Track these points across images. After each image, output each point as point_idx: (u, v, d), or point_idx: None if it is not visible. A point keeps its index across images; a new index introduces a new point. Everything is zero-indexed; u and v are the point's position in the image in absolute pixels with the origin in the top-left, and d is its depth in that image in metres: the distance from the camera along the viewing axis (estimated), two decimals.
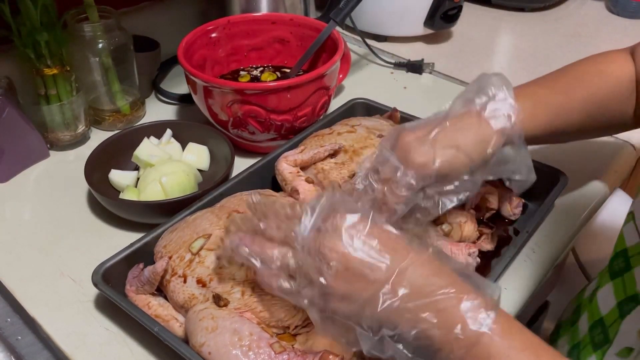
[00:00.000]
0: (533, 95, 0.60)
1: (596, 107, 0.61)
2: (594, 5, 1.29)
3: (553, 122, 0.59)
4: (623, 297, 0.48)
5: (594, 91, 0.60)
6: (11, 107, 0.74)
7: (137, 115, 0.88)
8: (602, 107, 0.61)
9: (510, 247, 0.60)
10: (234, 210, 0.57)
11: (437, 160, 0.53)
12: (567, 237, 0.68)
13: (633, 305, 0.46)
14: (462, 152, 0.53)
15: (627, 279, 0.48)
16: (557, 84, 0.62)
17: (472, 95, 0.56)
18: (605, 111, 0.61)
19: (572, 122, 0.61)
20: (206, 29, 0.84)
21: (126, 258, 0.58)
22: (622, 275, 0.49)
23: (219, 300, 0.50)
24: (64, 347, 0.55)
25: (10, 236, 0.68)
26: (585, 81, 0.61)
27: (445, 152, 0.53)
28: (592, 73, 0.62)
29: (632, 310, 0.46)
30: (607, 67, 0.62)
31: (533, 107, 0.58)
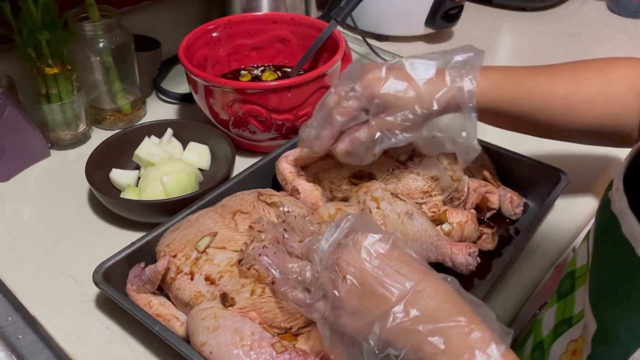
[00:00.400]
0: (510, 70, 0.59)
1: (583, 101, 0.58)
2: (595, 5, 1.29)
3: (523, 99, 0.58)
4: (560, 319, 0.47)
5: (584, 84, 0.58)
6: (12, 106, 0.74)
7: (138, 114, 0.89)
8: (592, 103, 0.58)
9: (511, 247, 0.60)
10: (237, 210, 0.57)
11: (385, 85, 0.55)
12: (568, 237, 0.68)
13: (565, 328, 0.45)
14: (412, 88, 0.56)
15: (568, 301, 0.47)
16: (544, 68, 0.60)
17: (445, 52, 0.58)
18: (596, 110, 0.58)
19: (550, 109, 0.58)
20: (207, 28, 0.84)
21: (127, 257, 0.58)
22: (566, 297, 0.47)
23: (225, 299, 0.50)
24: (64, 346, 0.55)
25: (11, 235, 0.68)
26: (577, 72, 0.59)
27: (396, 82, 0.56)
28: (589, 68, 0.59)
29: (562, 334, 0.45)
30: (609, 66, 0.59)
31: (503, 78, 0.58)
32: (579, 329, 0.43)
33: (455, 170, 0.65)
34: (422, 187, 0.63)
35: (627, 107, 0.58)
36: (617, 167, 0.42)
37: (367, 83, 0.57)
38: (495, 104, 0.58)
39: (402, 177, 0.63)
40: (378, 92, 0.56)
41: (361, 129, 0.58)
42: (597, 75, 0.58)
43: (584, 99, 0.58)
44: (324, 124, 0.59)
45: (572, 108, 0.58)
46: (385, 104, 0.56)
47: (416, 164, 0.64)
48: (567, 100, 0.58)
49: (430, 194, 0.63)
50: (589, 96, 0.58)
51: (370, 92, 0.56)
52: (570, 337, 0.44)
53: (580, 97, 0.58)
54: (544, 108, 0.59)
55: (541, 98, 0.58)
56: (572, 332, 0.44)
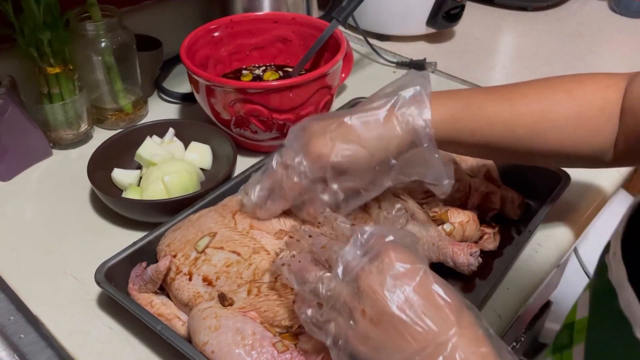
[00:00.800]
0: (467, 96, 0.54)
1: (550, 128, 0.53)
2: (597, 5, 1.29)
3: (484, 130, 0.53)
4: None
5: (552, 109, 0.53)
6: (14, 105, 0.74)
7: (140, 114, 0.89)
8: (560, 130, 0.53)
9: (513, 247, 0.60)
10: (238, 210, 0.57)
11: (334, 153, 0.51)
12: (569, 236, 0.68)
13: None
14: (363, 146, 0.51)
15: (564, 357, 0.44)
16: (507, 91, 0.55)
17: (389, 91, 0.53)
18: (565, 137, 0.53)
19: (515, 137, 0.54)
20: (209, 28, 0.84)
21: (129, 257, 0.58)
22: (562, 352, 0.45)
23: (224, 299, 0.51)
24: (66, 345, 0.55)
25: (13, 235, 0.68)
26: (544, 95, 0.54)
27: (344, 146, 0.51)
28: (557, 90, 0.54)
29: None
30: (578, 88, 0.54)
31: (460, 108, 0.53)
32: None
33: (457, 169, 0.65)
34: (423, 186, 0.63)
35: (599, 132, 0.53)
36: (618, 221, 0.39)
37: (315, 156, 0.52)
38: (454, 137, 0.54)
39: None
40: (328, 162, 0.51)
41: (324, 193, 0.53)
42: (565, 99, 0.53)
43: (552, 126, 0.53)
44: (274, 197, 0.55)
45: (538, 136, 0.54)
46: (340, 170, 0.52)
47: None
48: (533, 128, 0.53)
49: (431, 194, 0.63)
50: (557, 122, 0.53)
51: (320, 164, 0.52)
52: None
53: (548, 125, 0.53)
54: (508, 137, 0.54)
55: (504, 127, 0.53)
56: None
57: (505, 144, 0.54)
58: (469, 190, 0.66)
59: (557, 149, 0.54)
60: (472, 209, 0.65)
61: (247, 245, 0.53)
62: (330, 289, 0.41)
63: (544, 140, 0.54)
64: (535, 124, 0.53)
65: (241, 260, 0.52)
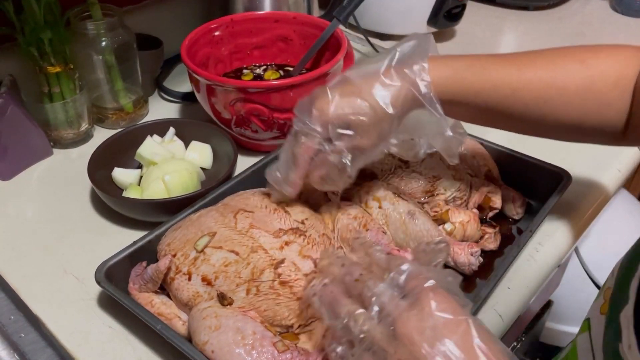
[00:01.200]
0: (473, 58, 0.53)
1: (559, 96, 0.51)
2: (598, 4, 1.29)
3: (489, 91, 0.52)
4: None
5: (562, 77, 0.51)
6: (14, 105, 0.74)
7: (140, 113, 0.89)
8: (569, 99, 0.51)
9: (514, 247, 0.60)
10: (240, 209, 0.57)
11: (334, 106, 0.51)
12: (570, 236, 0.68)
13: None
14: (364, 99, 0.51)
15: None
16: (515, 57, 0.53)
17: (390, 48, 0.53)
18: (574, 107, 0.51)
19: (522, 103, 0.52)
20: (209, 27, 0.84)
21: (129, 256, 0.58)
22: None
23: (223, 299, 0.51)
24: (67, 344, 0.55)
25: (14, 234, 0.68)
26: (554, 63, 0.52)
27: (345, 99, 0.51)
28: (568, 58, 0.52)
29: None
30: (592, 58, 0.52)
31: (465, 68, 0.52)
32: None
33: (458, 169, 0.65)
34: (424, 186, 0.63)
35: (610, 106, 0.51)
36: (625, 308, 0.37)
37: (317, 112, 0.52)
38: (457, 97, 0.52)
39: (404, 176, 0.63)
40: (330, 117, 0.51)
41: (330, 154, 0.53)
42: (578, 68, 0.51)
43: (560, 94, 0.51)
44: (290, 166, 0.55)
45: (546, 104, 0.52)
46: (342, 125, 0.51)
47: (418, 163, 0.64)
48: (540, 94, 0.52)
49: (432, 194, 0.63)
50: (566, 91, 0.51)
51: (322, 120, 0.52)
52: None
53: (556, 92, 0.51)
54: (514, 102, 0.52)
55: (511, 91, 0.52)
56: None
57: (511, 110, 0.53)
58: (469, 189, 0.65)
59: (565, 120, 0.52)
60: (473, 209, 0.65)
61: (246, 245, 0.53)
62: (364, 330, 0.39)
63: (551, 108, 0.52)
64: (543, 90, 0.51)
65: (239, 259, 0.52)
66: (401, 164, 0.64)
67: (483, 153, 0.70)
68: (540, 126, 0.55)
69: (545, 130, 0.57)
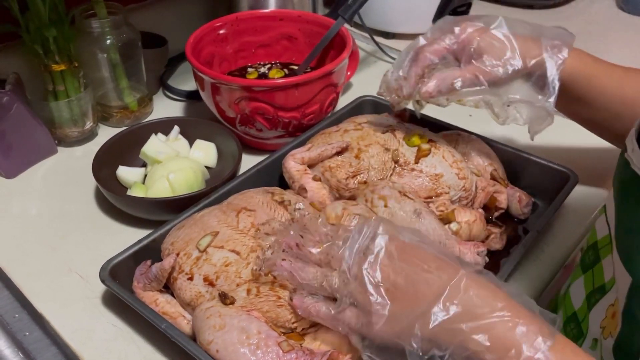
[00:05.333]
0: (593, 56, 0.62)
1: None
2: (605, 3, 1.28)
3: (602, 81, 0.60)
4: (591, 289, 0.48)
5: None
6: (19, 103, 0.74)
7: (145, 111, 0.88)
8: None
9: (519, 247, 0.60)
10: (242, 208, 0.57)
11: (484, 33, 0.58)
12: (576, 236, 0.67)
13: (599, 297, 0.47)
14: (508, 43, 0.58)
15: (596, 271, 0.48)
16: (618, 66, 0.62)
17: (539, 26, 0.61)
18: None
19: (621, 95, 0.60)
20: (214, 25, 0.84)
21: (134, 255, 0.58)
22: (592, 268, 0.49)
23: (225, 298, 0.50)
24: (71, 343, 0.55)
25: (18, 232, 0.68)
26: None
27: (494, 33, 0.58)
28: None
29: (598, 302, 0.47)
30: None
31: (593, 61, 0.61)
32: (613, 293, 0.44)
33: (462, 168, 0.64)
34: (427, 184, 0.63)
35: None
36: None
37: (466, 27, 0.59)
38: (575, 79, 0.60)
39: (406, 174, 0.63)
40: (475, 38, 0.59)
41: (451, 70, 0.60)
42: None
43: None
44: (414, 63, 0.61)
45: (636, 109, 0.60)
46: (479, 51, 0.58)
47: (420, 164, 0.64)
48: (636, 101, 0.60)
49: (435, 192, 0.63)
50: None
51: (468, 37, 0.59)
52: (607, 303, 0.45)
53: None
54: (618, 95, 0.61)
55: (618, 84, 0.60)
56: (608, 299, 0.45)
57: (611, 106, 0.61)
58: (475, 189, 0.65)
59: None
60: (479, 209, 0.65)
61: (246, 244, 0.53)
62: (341, 280, 0.44)
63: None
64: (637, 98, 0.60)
65: (240, 259, 0.52)
66: (402, 163, 0.64)
67: (489, 153, 0.70)
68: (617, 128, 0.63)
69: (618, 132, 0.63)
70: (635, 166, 0.40)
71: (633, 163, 0.40)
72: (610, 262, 0.45)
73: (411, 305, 0.40)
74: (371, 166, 0.64)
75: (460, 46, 0.60)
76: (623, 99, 0.61)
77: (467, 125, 0.75)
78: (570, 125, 0.69)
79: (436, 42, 0.61)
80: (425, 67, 0.60)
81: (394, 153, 0.64)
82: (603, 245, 0.47)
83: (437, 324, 0.38)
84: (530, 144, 0.70)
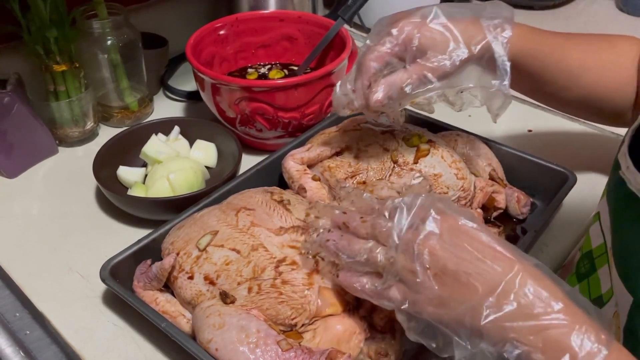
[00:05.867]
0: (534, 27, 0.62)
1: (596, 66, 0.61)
2: (604, 4, 1.28)
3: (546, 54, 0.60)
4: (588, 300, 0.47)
5: (598, 51, 0.62)
6: (20, 103, 0.75)
7: (145, 112, 0.89)
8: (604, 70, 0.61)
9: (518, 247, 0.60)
10: (242, 207, 0.57)
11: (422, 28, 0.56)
12: (575, 236, 0.67)
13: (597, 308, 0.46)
14: (449, 33, 0.56)
15: (592, 281, 0.47)
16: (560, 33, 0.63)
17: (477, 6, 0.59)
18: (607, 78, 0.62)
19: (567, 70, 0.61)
20: (214, 26, 0.85)
21: (134, 254, 0.58)
22: (588, 277, 0.47)
23: (225, 297, 0.51)
24: (72, 342, 0.56)
25: (19, 231, 0.69)
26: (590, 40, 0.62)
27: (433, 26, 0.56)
28: (600, 38, 0.63)
29: None
30: (618, 40, 0.63)
31: (530, 32, 0.60)
32: (611, 306, 0.43)
33: (461, 168, 0.65)
34: (426, 184, 0.63)
35: (629, 80, 0.61)
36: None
37: (403, 27, 0.57)
38: (521, 57, 0.59)
39: (403, 175, 0.63)
40: (415, 35, 0.56)
41: (397, 73, 0.57)
42: (607, 46, 0.62)
43: (597, 65, 0.61)
44: (358, 75, 0.58)
45: (586, 72, 0.61)
46: (422, 48, 0.56)
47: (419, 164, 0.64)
48: (583, 63, 0.61)
49: (435, 192, 0.63)
50: (602, 62, 0.61)
51: (407, 36, 0.56)
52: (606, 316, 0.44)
53: (594, 63, 0.61)
54: (563, 68, 0.61)
55: (561, 56, 0.61)
56: (607, 311, 0.44)
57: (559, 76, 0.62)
58: (474, 189, 0.65)
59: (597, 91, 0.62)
60: (477, 209, 0.65)
61: (246, 243, 0.53)
62: (388, 257, 0.42)
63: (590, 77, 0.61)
64: (584, 59, 0.61)
65: (240, 258, 0.52)
66: (401, 163, 0.64)
67: (487, 153, 0.70)
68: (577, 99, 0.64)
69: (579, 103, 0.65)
70: (632, 186, 0.38)
71: (630, 182, 0.38)
72: (606, 273, 0.44)
73: (461, 294, 0.38)
74: (370, 166, 0.64)
75: (401, 47, 0.57)
76: (569, 72, 0.62)
77: (466, 125, 0.75)
78: (569, 125, 0.70)
79: (376, 49, 0.57)
80: (370, 77, 0.58)
81: (393, 153, 0.65)
82: (598, 254, 0.46)
83: (489, 320, 0.37)
84: (529, 144, 0.71)
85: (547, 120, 0.86)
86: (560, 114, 0.87)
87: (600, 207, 0.48)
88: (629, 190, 0.38)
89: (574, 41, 0.62)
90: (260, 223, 0.55)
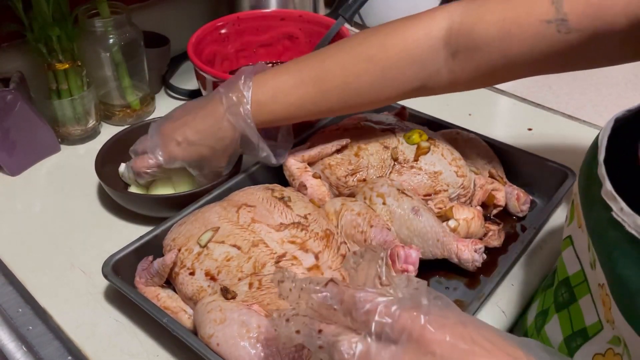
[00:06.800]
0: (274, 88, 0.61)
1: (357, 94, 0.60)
2: None
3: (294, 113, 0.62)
4: (570, 332, 0.44)
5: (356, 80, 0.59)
6: (23, 101, 0.75)
7: (147, 110, 0.89)
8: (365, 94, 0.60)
9: (517, 244, 0.60)
10: (243, 204, 0.58)
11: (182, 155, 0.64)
12: None
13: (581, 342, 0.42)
14: (206, 146, 0.63)
15: (572, 311, 0.44)
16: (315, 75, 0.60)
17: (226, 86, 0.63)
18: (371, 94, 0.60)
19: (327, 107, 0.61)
20: (216, 25, 0.85)
21: (136, 251, 0.58)
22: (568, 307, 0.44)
23: (226, 292, 0.51)
24: (74, 337, 0.56)
25: (22, 228, 0.69)
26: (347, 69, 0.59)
27: (191, 149, 0.63)
28: (360, 59, 0.59)
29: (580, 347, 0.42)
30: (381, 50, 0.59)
31: (272, 100, 0.61)
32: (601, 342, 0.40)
33: (461, 166, 0.65)
34: (426, 182, 0.63)
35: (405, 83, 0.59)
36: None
37: (168, 158, 0.65)
38: (269, 120, 0.63)
39: (405, 172, 0.64)
40: (180, 160, 0.65)
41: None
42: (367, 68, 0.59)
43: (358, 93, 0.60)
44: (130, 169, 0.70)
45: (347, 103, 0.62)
46: (194, 165, 0.66)
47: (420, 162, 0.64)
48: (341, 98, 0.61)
49: (434, 190, 0.63)
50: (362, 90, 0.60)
51: (173, 163, 0.65)
52: (593, 351, 0.41)
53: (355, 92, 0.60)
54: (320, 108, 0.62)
55: (313, 105, 0.61)
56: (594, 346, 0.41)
57: (320, 112, 0.63)
58: (473, 187, 0.66)
59: (368, 104, 0.62)
60: (477, 206, 0.66)
61: (247, 239, 0.54)
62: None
63: (354, 103, 0.61)
64: (342, 93, 0.60)
65: (241, 254, 0.53)
66: (401, 161, 0.65)
67: (487, 151, 0.71)
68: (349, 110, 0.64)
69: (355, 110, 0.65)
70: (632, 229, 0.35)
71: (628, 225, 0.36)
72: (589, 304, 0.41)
73: None
74: (370, 164, 0.65)
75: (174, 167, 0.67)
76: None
77: (466, 124, 0.76)
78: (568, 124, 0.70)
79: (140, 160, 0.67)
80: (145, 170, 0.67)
81: (393, 151, 0.65)
82: (577, 283, 0.43)
83: None
84: (529, 142, 0.71)
85: (547, 118, 0.87)
86: (560, 112, 0.88)
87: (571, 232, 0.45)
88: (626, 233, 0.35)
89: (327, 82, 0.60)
90: (260, 219, 0.56)
